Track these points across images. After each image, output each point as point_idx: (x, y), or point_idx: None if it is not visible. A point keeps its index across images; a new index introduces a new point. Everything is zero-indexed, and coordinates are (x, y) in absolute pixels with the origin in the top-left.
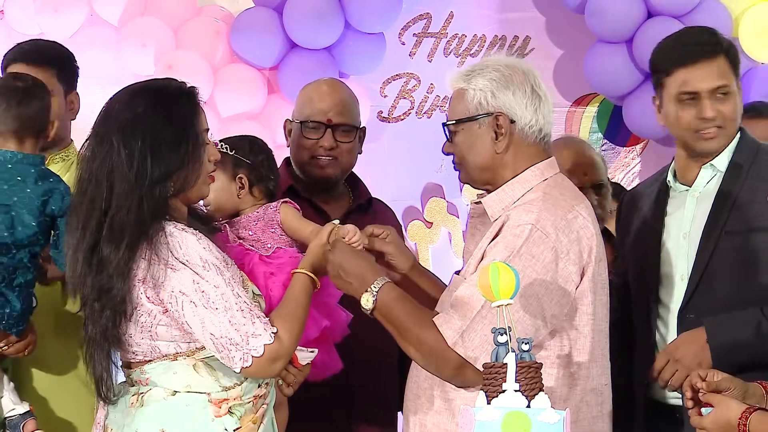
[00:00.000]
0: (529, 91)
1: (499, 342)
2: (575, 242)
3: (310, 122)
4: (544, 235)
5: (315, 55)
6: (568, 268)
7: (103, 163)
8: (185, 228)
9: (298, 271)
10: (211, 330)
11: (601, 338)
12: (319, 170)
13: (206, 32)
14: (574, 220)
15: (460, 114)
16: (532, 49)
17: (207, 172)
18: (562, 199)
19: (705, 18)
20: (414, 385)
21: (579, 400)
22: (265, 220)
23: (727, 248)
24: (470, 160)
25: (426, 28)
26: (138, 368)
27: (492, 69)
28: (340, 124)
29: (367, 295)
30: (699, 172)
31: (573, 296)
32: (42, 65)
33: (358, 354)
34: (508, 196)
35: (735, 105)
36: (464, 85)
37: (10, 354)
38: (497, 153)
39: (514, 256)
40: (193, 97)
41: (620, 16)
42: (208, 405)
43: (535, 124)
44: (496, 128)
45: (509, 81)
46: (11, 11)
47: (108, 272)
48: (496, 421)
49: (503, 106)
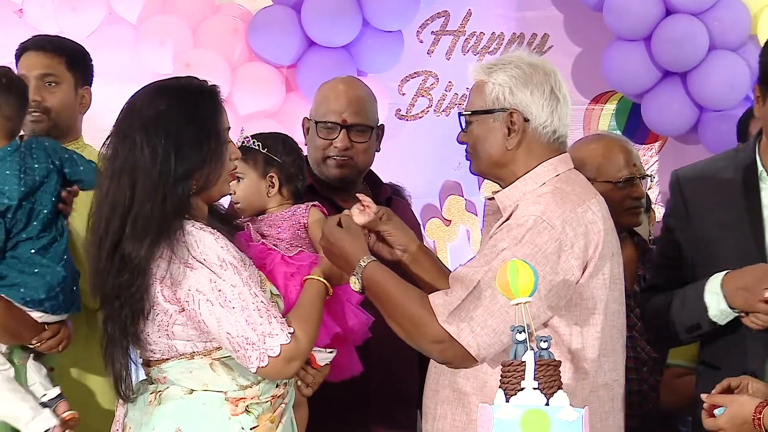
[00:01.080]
0: (548, 91)
1: (518, 340)
2: (582, 236)
3: (325, 122)
4: (550, 227)
5: (333, 53)
6: (570, 261)
7: (126, 161)
8: (203, 227)
9: (311, 278)
10: (228, 329)
11: (614, 334)
12: (334, 170)
13: (224, 30)
14: (584, 214)
15: (477, 106)
16: (551, 47)
17: (228, 170)
18: (573, 193)
19: (724, 15)
20: (433, 381)
21: (588, 394)
22: (293, 221)
23: None
24: (481, 152)
25: (444, 26)
26: (156, 366)
27: (514, 66)
28: (355, 125)
29: (353, 278)
30: None
31: (572, 289)
32: (50, 52)
33: (376, 354)
34: (520, 190)
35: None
36: (485, 78)
37: (43, 351)
38: (508, 149)
39: (516, 244)
40: (215, 96)
41: (638, 14)
42: (225, 404)
43: (549, 125)
44: (510, 125)
45: (529, 79)
46: (30, 10)
47: (129, 270)
48: (515, 419)
49: (519, 104)
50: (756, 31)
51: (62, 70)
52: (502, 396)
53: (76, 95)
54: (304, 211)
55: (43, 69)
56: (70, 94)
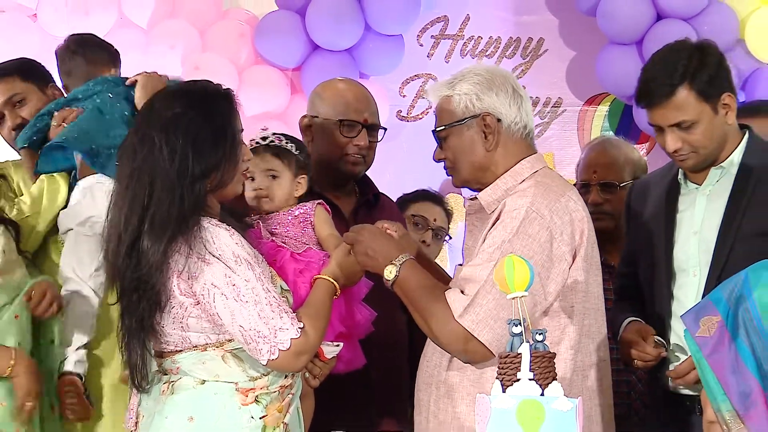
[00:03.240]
0: (510, 90)
1: (514, 333)
2: (568, 224)
3: (347, 121)
4: (539, 216)
5: (336, 56)
6: (562, 248)
7: (145, 160)
8: (219, 223)
9: (321, 277)
10: (241, 322)
11: (597, 316)
12: (351, 167)
13: (231, 34)
14: (567, 203)
15: (448, 119)
16: (546, 51)
17: (241, 170)
18: (553, 185)
19: (712, 20)
20: (426, 375)
21: (579, 375)
22: (300, 219)
23: (742, 251)
24: (463, 161)
25: (443, 31)
26: (169, 358)
27: (473, 74)
28: (374, 125)
29: (391, 267)
30: (708, 172)
31: (567, 274)
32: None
33: (376, 346)
34: (501, 188)
35: (703, 131)
36: (449, 92)
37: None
38: (488, 151)
39: (513, 236)
40: (230, 99)
41: (631, 19)
42: (236, 393)
43: (519, 120)
44: (484, 128)
45: (491, 83)
46: (44, 14)
47: (147, 264)
48: (511, 408)
49: (488, 107)
50: (743, 36)
51: (21, 86)
52: (499, 386)
53: (48, 97)
54: (310, 209)
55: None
56: (42, 99)
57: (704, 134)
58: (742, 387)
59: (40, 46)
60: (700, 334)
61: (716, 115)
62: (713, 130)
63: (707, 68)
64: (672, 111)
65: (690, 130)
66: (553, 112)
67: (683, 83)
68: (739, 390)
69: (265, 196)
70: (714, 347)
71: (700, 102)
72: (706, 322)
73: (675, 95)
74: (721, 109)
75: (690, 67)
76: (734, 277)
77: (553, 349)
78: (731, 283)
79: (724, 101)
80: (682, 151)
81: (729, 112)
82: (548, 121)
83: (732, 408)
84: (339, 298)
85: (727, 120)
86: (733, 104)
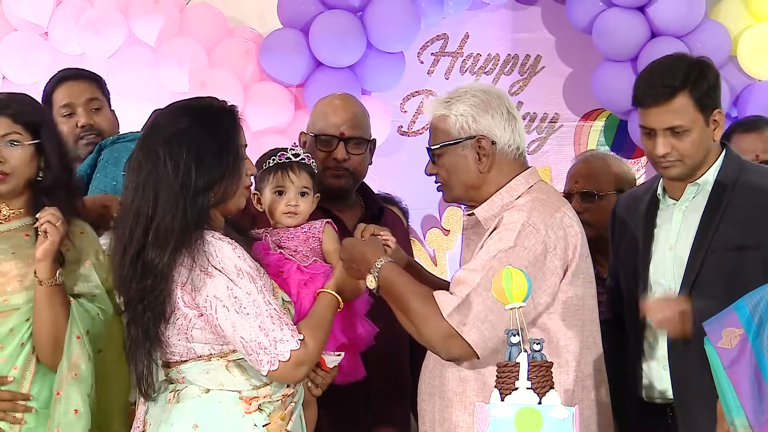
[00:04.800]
0: (505, 113)
1: (512, 342)
2: (562, 239)
3: (323, 135)
4: (535, 230)
5: (339, 73)
6: (555, 262)
7: (150, 174)
8: (221, 237)
9: (324, 291)
10: (242, 333)
11: (593, 328)
12: (333, 180)
13: (237, 52)
14: (562, 219)
15: (443, 138)
16: (543, 67)
17: (245, 185)
18: (548, 201)
19: (705, 38)
20: (427, 385)
21: (578, 386)
22: (309, 235)
23: (714, 265)
24: (455, 181)
25: (443, 48)
26: (175, 368)
27: (470, 95)
28: (352, 137)
29: (370, 276)
30: (685, 188)
31: (558, 288)
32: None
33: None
34: (498, 204)
35: (693, 140)
36: (445, 112)
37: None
38: (481, 173)
39: (509, 248)
40: (234, 115)
41: (625, 37)
42: (239, 402)
43: (513, 143)
44: (479, 150)
45: (488, 105)
46: (55, 33)
47: (152, 275)
48: (510, 416)
49: (484, 129)
50: (736, 52)
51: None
52: (498, 395)
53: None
54: (319, 226)
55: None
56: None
57: (693, 143)
58: (759, 402)
59: (51, 64)
60: (721, 345)
61: (707, 127)
62: (702, 141)
63: (707, 79)
64: (669, 113)
65: (681, 137)
66: (550, 128)
67: (684, 88)
68: (755, 405)
69: (296, 212)
70: (734, 359)
71: (696, 111)
72: (729, 333)
73: (675, 98)
74: (711, 123)
75: (691, 75)
76: (759, 289)
77: (556, 360)
78: (756, 296)
79: (715, 117)
80: (669, 157)
81: (717, 129)
82: (545, 136)
83: (747, 422)
84: (342, 312)
85: (714, 136)
86: (721, 122)
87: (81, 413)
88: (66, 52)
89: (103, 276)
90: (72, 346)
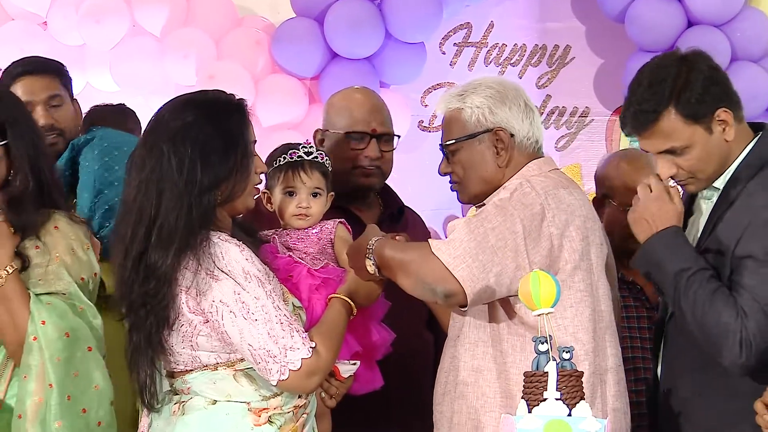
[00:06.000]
0: (522, 105)
1: (540, 350)
2: (563, 212)
3: (354, 132)
4: (533, 190)
5: (356, 64)
6: (551, 229)
7: (153, 171)
8: (229, 238)
9: (336, 296)
10: (250, 341)
11: (606, 318)
12: (364, 179)
13: (247, 43)
14: (567, 195)
15: (458, 133)
16: (573, 58)
17: (254, 183)
18: (557, 180)
19: (745, 26)
20: (440, 387)
21: (596, 379)
22: (320, 236)
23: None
24: (473, 176)
25: (466, 38)
26: (180, 378)
27: (485, 87)
28: (384, 134)
29: (368, 261)
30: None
31: (553, 256)
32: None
33: (395, 365)
34: (509, 190)
35: (698, 155)
36: (460, 105)
37: None
38: (499, 167)
39: (507, 201)
40: (242, 109)
41: (661, 26)
42: (248, 414)
43: (531, 135)
44: (497, 143)
45: (504, 97)
46: (54, 22)
47: (155, 278)
48: (537, 429)
49: (501, 121)
50: None
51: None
52: (525, 406)
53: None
54: (331, 227)
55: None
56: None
57: (699, 158)
58: None
59: (50, 55)
60: None
61: (711, 134)
62: (709, 151)
63: (695, 87)
64: (659, 139)
65: (683, 156)
66: (581, 122)
67: (668, 107)
68: None
69: (307, 214)
70: None
71: (690, 125)
72: None
73: (659, 122)
74: (717, 127)
75: (675, 88)
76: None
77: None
78: None
79: (719, 117)
80: (678, 177)
81: (727, 128)
82: (575, 131)
83: None
84: (356, 318)
85: (726, 136)
86: (729, 119)
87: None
88: (66, 43)
89: (78, 273)
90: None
